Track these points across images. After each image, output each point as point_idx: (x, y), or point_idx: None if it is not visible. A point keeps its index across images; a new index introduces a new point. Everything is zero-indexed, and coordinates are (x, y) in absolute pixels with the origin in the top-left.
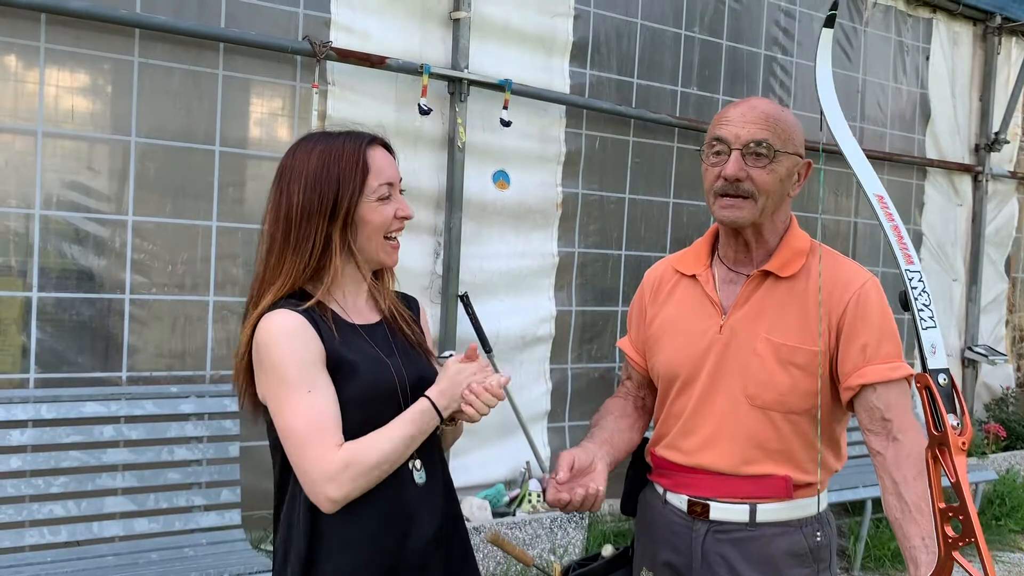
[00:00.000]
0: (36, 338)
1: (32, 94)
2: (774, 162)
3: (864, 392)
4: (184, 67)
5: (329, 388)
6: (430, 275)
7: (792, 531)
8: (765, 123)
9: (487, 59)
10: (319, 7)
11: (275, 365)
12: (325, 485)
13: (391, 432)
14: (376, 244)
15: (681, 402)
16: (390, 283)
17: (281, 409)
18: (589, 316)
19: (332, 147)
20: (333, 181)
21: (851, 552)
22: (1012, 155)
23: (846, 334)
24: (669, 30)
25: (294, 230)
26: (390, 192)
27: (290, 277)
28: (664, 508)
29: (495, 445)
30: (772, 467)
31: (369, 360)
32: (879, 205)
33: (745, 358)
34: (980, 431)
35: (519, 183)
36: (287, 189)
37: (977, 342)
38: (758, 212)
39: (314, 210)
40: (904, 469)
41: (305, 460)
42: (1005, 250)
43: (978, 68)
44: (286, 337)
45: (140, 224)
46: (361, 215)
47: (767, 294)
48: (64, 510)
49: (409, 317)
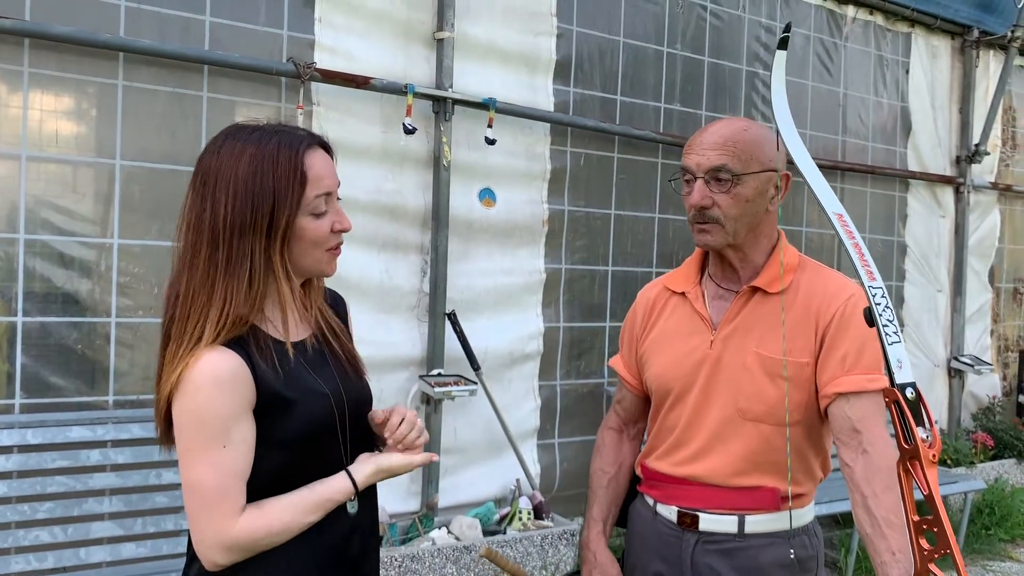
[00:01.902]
0: (21, 363)
1: (16, 118)
2: (738, 185)
3: (838, 401)
4: (168, 90)
5: (244, 442)
6: (417, 294)
7: (780, 542)
8: (723, 148)
9: (471, 78)
10: (303, 28)
11: (197, 411)
12: (214, 551)
13: (295, 512)
14: (312, 259)
15: (674, 416)
16: (322, 282)
17: (191, 459)
18: (577, 332)
19: (265, 150)
20: (268, 194)
21: (842, 564)
22: (992, 166)
23: (828, 344)
24: (651, 47)
25: (224, 246)
26: (327, 204)
27: (228, 303)
28: (654, 519)
29: (484, 463)
30: (762, 479)
31: (309, 394)
32: (839, 223)
33: (736, 372)
34: (968, 441)
35: (505, 201)
36: (212, 196)
37: (963, 352)
38: (729, 236)
39: (247, 226)
40: (873, 483)
41: (202, 520)
42: (988, 260)
43: (957, 81)
44: (216, 387)
45: (126, 247)
46: (297, 230)
47: (756, 309)
48: (51, 536)
49: (338, 327)
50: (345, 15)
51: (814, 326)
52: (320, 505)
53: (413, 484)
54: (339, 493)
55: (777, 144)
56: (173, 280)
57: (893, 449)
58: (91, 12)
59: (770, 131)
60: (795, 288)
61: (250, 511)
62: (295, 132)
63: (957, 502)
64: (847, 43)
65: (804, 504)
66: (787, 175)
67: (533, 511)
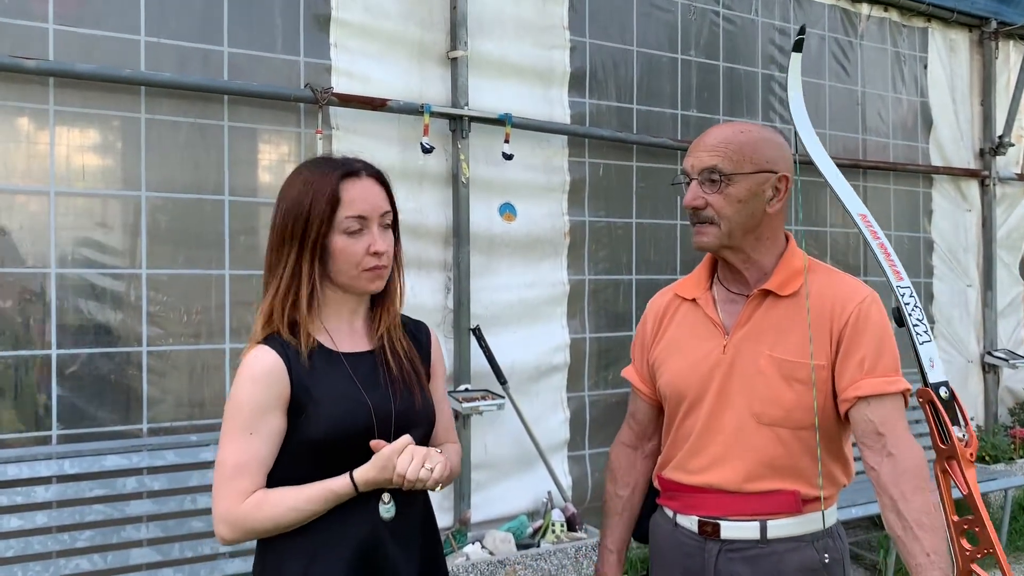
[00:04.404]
0: (57, 395)
1: (44, 155)
2: (730, 185)
3: (859, 405)
4: (190, 120)
5: (271, 433)
6: (442, 310)
7: (804, 546)
8: (715, 149)
9: (486, 95)
10: (319, 54)
11: (234, 400)
12: (220, 525)
13: (296, 500)
14: (349, 276)
15: (689, 423)
16: (396, 307)
17: (223, 439)
18: (604, 342)
19: (315, 174)
20: (304, 209)
21: (882, 566)
22: (1018, 157)
23: (845, 348)
24: (666, 55)
25: (273, 252)
26: (362, 226)
27: (268, 302)
28: (675, 531)
29: (516, 477)
30: (780, 483)
31: (342, 400)
32: (863, 223)
33: (750, 376)
34: (1006, 436)
35: (526, 214)
36: (275, 212)
37: (996, 347)
38: (724, 236)
39: (287, 235)
40: (901, 485)
41: (218, 494)
42: (1018, 253)
43: (977, 73)
44: (252, 380)
45: (154, 276)
46: (331, 247)
47: (768, 313)
48: (91, 564)
49: (407, 346)
50: (359, 39)
51: (828, 329)
52: (319, 496)
53: (445, 500)
54: (337, 484)
55: (795, 146)
56: None
57: (918, 449)
58: (112, 48)
59: (775, 134)
60: (805, 291)
61: (256, 495)
62: (350, 161)
63: (997, 499)
64: (863, 41)
65: (826, 507)
66: (785, 177)
67: (566, 523)
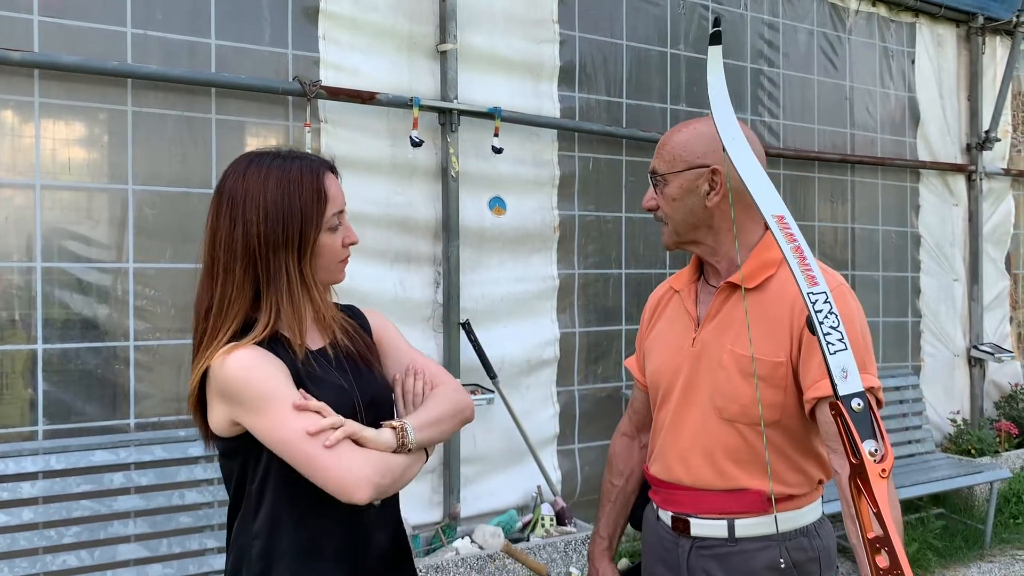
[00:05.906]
0: (43, 389)
1: (29, 148)
2: (667, 185)
3: (821, 405)
4: (177, 113)
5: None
6: (431, 305)
7: (773, 546)
8: (658, 151)
9: (476, 88)
10: (307, 47)
11: (257, 392)
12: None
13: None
14: (327, 271)
15: (661, 415)
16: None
17: (280, 421)
18: (593, 336)
19: (289, 174)
20: (296, 213)
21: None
22: (1004, 152)
23: (806, 346)
24: (655, 49)
25: (261, 262)
26: (340, 220)
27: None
28: (657, 524)
29: (505, 471)
30: (747, 481)
31: (328, 386)
32: (780, 226)
33: (713, 370)
34: (991, 430)
35: (515, 208)
36: (243, 218)
37: (982, 341)
38: (673, 233)
39: (279, 243)
40: None
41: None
42: (1004, 247)
43: (964, 68)
44: (257, 366)
45: (141, 270)
46: (318, 245)
47: (735, 306)
48: (78, 560)
49: (353, 328)
50: (348, 32)
51: (789, 325)
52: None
53: (435, 494)
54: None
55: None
56: (202, 295)
57: None
58: (98, 40)
59: (710, 127)
60: (773, 285)
61: None
62: (311, 157)
63: (983, 492)
64: (851, 36)
65: (801, 505)
66: (717, 169)
67: (555, 517)
